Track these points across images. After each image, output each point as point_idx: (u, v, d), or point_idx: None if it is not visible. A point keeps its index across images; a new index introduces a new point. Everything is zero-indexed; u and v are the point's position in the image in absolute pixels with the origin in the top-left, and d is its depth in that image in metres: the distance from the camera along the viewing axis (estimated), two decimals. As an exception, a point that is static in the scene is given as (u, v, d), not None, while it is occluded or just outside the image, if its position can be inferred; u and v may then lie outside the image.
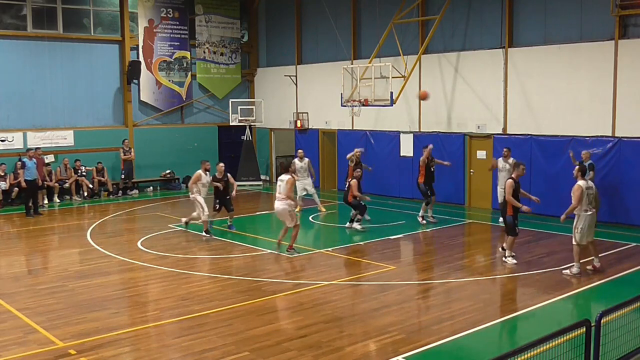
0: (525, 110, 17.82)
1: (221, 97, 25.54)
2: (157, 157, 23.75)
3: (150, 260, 12.96)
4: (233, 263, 12.24)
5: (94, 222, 17.35)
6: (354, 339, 8.53)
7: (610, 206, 16.13)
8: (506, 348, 6.09)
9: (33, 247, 14.78)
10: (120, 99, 23.19)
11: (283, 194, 13.32)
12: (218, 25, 25.16)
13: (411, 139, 20.52)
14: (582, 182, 11.56)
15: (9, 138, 20.20)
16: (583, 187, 11.48)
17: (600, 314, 6.30)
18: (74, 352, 8.06)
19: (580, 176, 11.68)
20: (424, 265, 12.61)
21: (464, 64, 19.10)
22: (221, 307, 9.85)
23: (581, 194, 11.41)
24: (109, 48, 22.80)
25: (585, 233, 11.58)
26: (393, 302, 10.08)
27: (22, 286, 11.30)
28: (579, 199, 11.40)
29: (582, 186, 11.48)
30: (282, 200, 13.33)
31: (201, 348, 8.18)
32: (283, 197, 13.31)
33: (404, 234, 15.41)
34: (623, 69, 15.78)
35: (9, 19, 20.94)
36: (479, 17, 18.83)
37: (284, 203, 13.32)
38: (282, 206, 13.34)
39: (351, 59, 22.04)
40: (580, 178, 11.64)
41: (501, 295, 10.94)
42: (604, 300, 10.11)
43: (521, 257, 12.78)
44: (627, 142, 15.80)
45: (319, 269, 12.47)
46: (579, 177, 11.67)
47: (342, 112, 21.35)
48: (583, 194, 11.43)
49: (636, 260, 12.53)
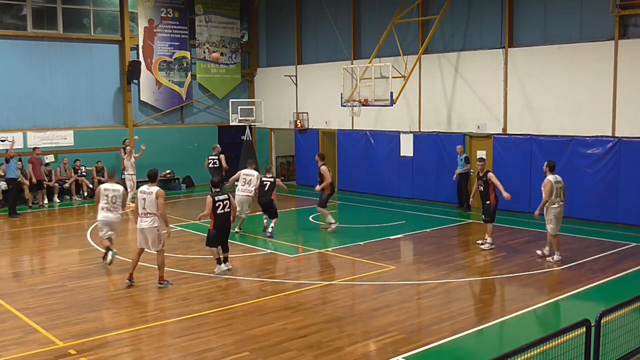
0: (525, 110, 17.81)
1: (221, 97, 25.54)
2: (157, 157, 23.72)
3: (150, 260, 12.95)
4: (233, 263, 12.23)
5: (94, 222, 17.31)
6: (354, 339, 8.53)
7: (610, 206, 16.13)
8: (506, 348, 6.09)
9: (33, 247, 14.78)
10: (120, 99, 23.19)
11: (149, 209, 10.83)
12: (218, 25, 25.16)
13: (411, 139, 20.51)
14: (551, 176, 12.36)
15: (9, 138, 20.19)
16: (552, 181, 12.28)
17: (600, 314, 6.30)
18: (74, 352, 8.06)
19: (549, 171, 12.46)
20: (424, 265, 12.60)
21: (464, 64, 19.10)
22: (221, 307, 9.86)
23: (551, 187, 12.22)
24: (109, 48, 22.81)
25: (556, 224, 12.39)
26: (393, 302, 10.08)
27: (22, 286, 11.30)
28: (550, 192, 12.22)
29: (552, 180, 12.29)
30: (147, 218, 10.86)
31: (201, 348, 8.18)
32: (150, 212, 10.84)
33: (404, 234, 15.41)
34: (623, 69, 15.77)
35: (9, 19, 20.94)
36: (479, 17, 18.82)
37: (148, 220, 10.87)
38: (147, 226, 10.89)
39: (351, 59, 22.03)
40: (549, 173, 12.43)
41: (501, 295, 10.93)
42: (604, 300, 10.11)
43: (521, 257, 12.80)
44: (627, 142, 15.80)
45: (319, 269, 12.48)
46: (548, 172, 12.47)
47: (342, 112, 21.34)
48: (553, 187, 12.23)
49: (636, 260, 12.53)
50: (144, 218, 10.88)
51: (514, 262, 12.49)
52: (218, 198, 11.54)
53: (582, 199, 16.59)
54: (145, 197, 10.86)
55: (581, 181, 16.56)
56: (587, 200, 16.50)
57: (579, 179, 16.58)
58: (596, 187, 16.36)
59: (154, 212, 10.79)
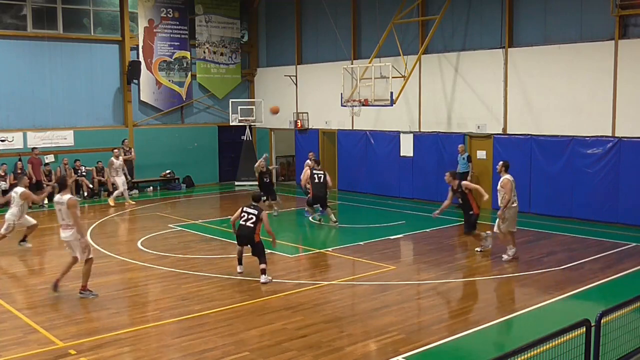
0: (525, 110, 17.81)
1: (221, 97, 25.54)
2: (157, 157, 23.76)
3: (150, 260, 12.96)
4: (233, 263, 12.23)
5: (94, 222, 17.35)
6: (354, 339, 8.53)
7: (610, 206, 16.13)
8: (506, 348, 6.09)
9: (33, 247, 14.77)
10: (120, 99, 23.19)
11: (67, 220, 10.26)
12: (218, 25, 25.16)
13: (411, 139, 20.51)
14: (508, 175, 12.47)
15: (9, 138, 20.20)
16: (511, 180, 12.41)
17: (600, 314, 6.30)
18: (74, 352, 8.06)
19: (504, 171, 12.54)
20: (424, 265, 12.60)
21: (464, 64, 19.10)
22: (221, 307, 9.85)
23: (511, 186, 12.37)
24: (109, 48, 22.80)
25: (512, 222, 12.48)
26: (393, 302, 10.08)
27: (22, 286, 11.30)
28: (510, 191, 12.35)
29: (511, 179, 12.41)
30: (68, 229, 10.32)
31: (201, 348, 8.18)
32: (68, 224, 10.28)
33: (404, 234, 15.41)
34: (623, 69, 15.77)
35: (9, 19, 20.94)
36: (479, 17, 18.82)
37: (69, 232, 10.33)
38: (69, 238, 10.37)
39: (351, 59, 22.03)
40: (504, 173, 12.51)
41: (501, 295, 10.93)
42: (604, 300, 10.11)
43: (521, 257, 12.79)
44: (627, 142, 15.80)
45: (319, 269, 12.48)
46: (503, 171, 12.54)
47: (342, 112, 21.34)
48: (512, 186, 12.38)
49: (636, 260, 12.53)
50: (65, 230, 10.28)
51: (514, 262, 12.49)
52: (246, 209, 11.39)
53: (582, 199, 16.59)
54: (60, 208, 10.24)
55: (581, 181, 16.56)
56: (587, 200, 16.50)
57: (579, 179, 16.59)
58: (596, 187, 16.36)
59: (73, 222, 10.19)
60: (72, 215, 10.12)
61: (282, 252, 13.40)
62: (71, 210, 10.11)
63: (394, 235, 15.21)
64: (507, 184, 12.35)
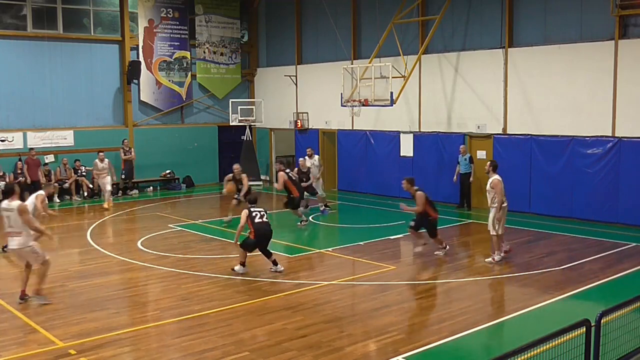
0: (525, 110, 17.81)
1: (221, 97, 25.54)
2: (157, 157, 23.76)
3: (150, 260, 12.96)
4: (233, 263, 12.22)
5: (94, 222, 17.35)
6: (354, 339, 8.53)
7: (610, 206, 16.13)
8: (506, 348, 6.08)
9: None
10: (120, 99, 23.19)
11: (16, 227, 9.81)
12: (218, 25, 25.16)
13: (411, 139, 20.51)
14: (497, 176, 12.29)
15: (9, 138, 20.20)
16: (501, 180, 12.23)
17: (600, 314, 6.30)
18: (74, 352, 8.06)
19: (492, 171, 12.39)
20: (424, 265, 12.60)
21: (464, 64, 19.10)
22: (221, 307, 9.85)
23: (502, 187, 12.19)
24: (108, 48, 22.80)
25: (503, 224, 12.37)
26: (393, 302, 10.08)
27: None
28: (502, 191, 12.17)
29: (501, 180, 12.22)
30: (16, 237, 9.87)
31: (201, 348, 8.18)
32: (17, 232, 9.83)
33: (404, 234, 15.39)
34: (623, 69, 15.77)
35: (9, 19, 20.93)
36: (479, 17, 18.82)
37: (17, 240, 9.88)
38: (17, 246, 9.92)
39: (351, 59, 22.03)
40: (493, 173, 12.35)
41: (501, 295, 10.93)
42: (604, 300, 10.10)
43: (521, 257, 12.80)
44: (627, 142, 15.79)
45: (319, 269, 12.48)
46: (492, 172, 12.40)
47: (342, 112, 21.34)
48: (502, 187, 12.22)
49: (636, 260, 12.53)
50: (13, 238, 9.85)
51: (514, 262, 12.49)
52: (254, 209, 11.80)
53: (582, 199, 16.59)
54: (9, 215, 9.77)
55: (581, 181, 16.56)
56: (587, 200, 16.50)
57: (579, 179, 16.59)
58: (596, 187, 16.36)
59: (22, 230, 9.76)
60: (26, 221, 9.76)
61: (282, 252, 13.40)
62: (23, 217, 9.72)
63: (394, 235, 15.21)
64: (498, 185, 12.17)
